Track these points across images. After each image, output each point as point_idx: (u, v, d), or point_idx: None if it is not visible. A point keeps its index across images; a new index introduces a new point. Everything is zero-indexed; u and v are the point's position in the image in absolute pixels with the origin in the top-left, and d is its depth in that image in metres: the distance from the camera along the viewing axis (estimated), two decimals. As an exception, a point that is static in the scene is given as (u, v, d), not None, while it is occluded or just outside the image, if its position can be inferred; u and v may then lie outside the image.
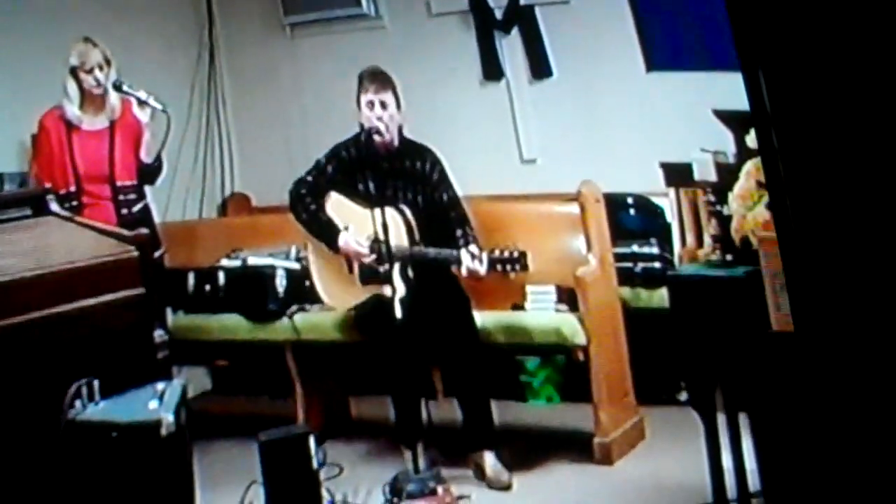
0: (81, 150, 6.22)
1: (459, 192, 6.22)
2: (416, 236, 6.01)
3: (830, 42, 2.54)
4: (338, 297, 6.26)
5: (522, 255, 5.69)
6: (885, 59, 2.49)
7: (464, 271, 5.81)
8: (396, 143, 6.18)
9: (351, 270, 6.12)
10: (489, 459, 5.87)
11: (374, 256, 5.99)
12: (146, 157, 6.32)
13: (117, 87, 6.22)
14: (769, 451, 4.58)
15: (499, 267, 5.72)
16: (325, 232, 6.15)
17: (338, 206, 6.17)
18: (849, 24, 2.52)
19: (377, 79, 6.14)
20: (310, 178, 6.22)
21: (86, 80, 6.20)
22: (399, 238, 5.92)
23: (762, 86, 2.63)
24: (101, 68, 6.20)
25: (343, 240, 6.07)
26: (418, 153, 6.22)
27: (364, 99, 6.09)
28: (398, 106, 6.15)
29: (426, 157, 6.22)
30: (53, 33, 6.55)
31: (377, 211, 5.75)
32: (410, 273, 5.95)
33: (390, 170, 6.15)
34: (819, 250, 2.62)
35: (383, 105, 6.10)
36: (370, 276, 6.05)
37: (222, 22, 8.33)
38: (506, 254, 5.71)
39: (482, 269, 5.74)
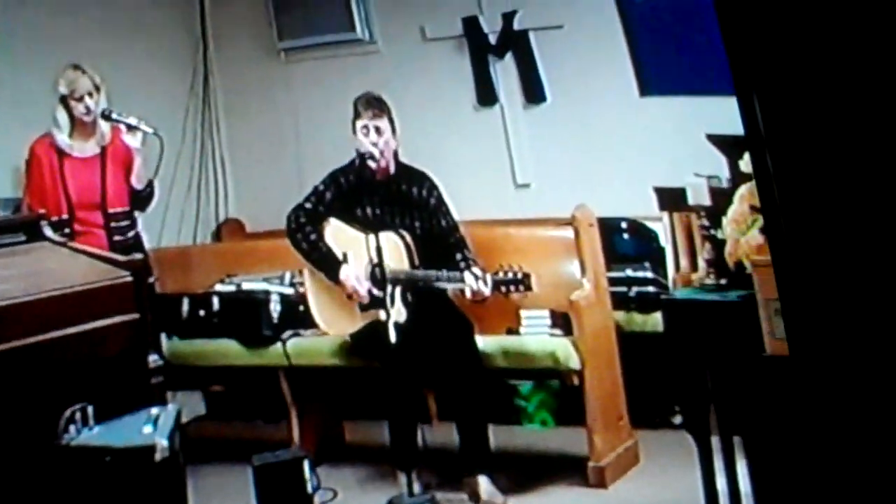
0: (73, 177, 6.20)
1: (456, 216, 6.23)
2: (416, 261, 6.02)
3: (825, 65, 2.54)
4: (335, 323, 6.24)
5: (526, 275, 5.72)
6: (879, 81, 2.50)
7: (468, 293, 5.82)
8: (392, 168, 6.19)
9: (350, 297, 6.10)
10: (484, 483, 5.83)
11: (370, 299, 5.98)
12: (137, 183, 6.31)
13: (106, 116, 6.22)
14: (763, 475, 4.57)
15: (503, 288, 5.74)
16: (326, 263, 6.13)
17: (336, 232, 6.16)
18: (844, 47, 2.52)
19: (372, 105, 6.16)
20: (308, 206, 6.20)
21: (76, 107, 6.19)
22: (400, 262, 5.94)
23: (756, 109, 2.63)
24: (90, 95, 6.19)
25: (344, 274, 6.06)
26: (415, 178, 6.24)
27: (359, 124, 6.11)
28: (393, 131, 6.16)
29: (423, 182, 6.24)
30: (46, 58, 6.53)
31: (371, 236, 5.77)
32: (410, 298, 5.95)
33: (387, 195, 6.16)
34: (814, 274, 2.62)
35: (378, 130, 6.11)
36: (369, 303, 6.03)
37: (216, 46, 8.35)
38: (510, 275, 5.74)
39: (487, 290, 5.77)
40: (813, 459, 2.81)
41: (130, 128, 6.21)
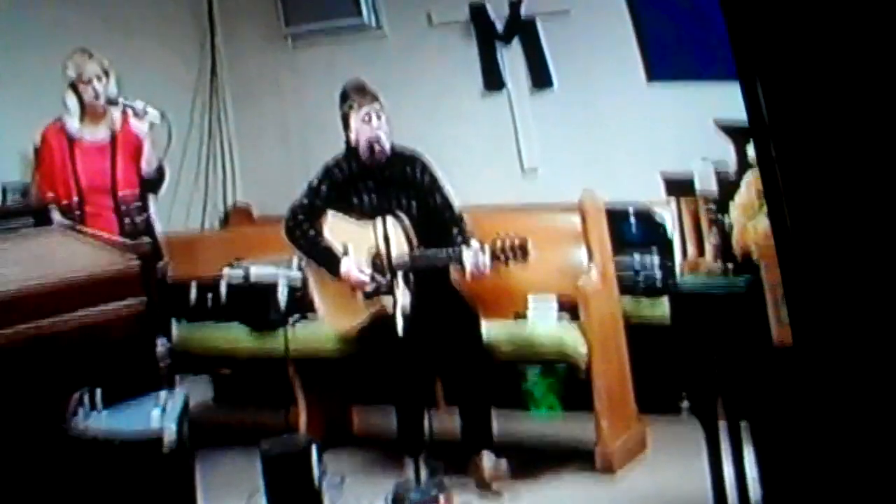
0: (83, 162, 6.22)
1: (453, 197, 6.22)
2: (415, 242, 6.01)
3: (828, 52, 2.54)
4: (339, 317, 6.24)
5: (523, 242, 5.70)
6: (883, 68, 2.50)
7: (468, 267, 5.81)
8: (388, 152, 6.18)
9: (353, 289, 6.09)
10: (487, 459, 5.87)
11: (374, 285, 5.99)
12: (147, 167, 6.31)
13: (112, 102, 6.22)
14: (770, 461, 4.58)
15: (501, 257, 5.73)
16: (326, 259, 6.13)
17: (334, 224, 6.17)
18: (847, 34, 2.52)
19: (366, 91, 6.17)
20: (305, 202, 6.21)
21: (85, 91, 6.20)
22: (399, 246, 5.92)
23: (760, 96, 2.63)
24: (98, 79, 6.20)
25: (345, 267, 6.06)
26: (408, 160, 6.23)
27: (360, 113, 6.10)
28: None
29: (415, 163, 6.23)
30: (54, 46, 6.53)
31: (378, 221, 5.75)
32: (413, 282, 5.94)
33: (382, 180, 6.15)
34: (818, 261, 2.62)
35: (378, 115, 6.11)
36: (372, 291, 6.04)
37: (223, 32, 8.35)
38: (507, 243, 5.72)
39: (486, 263, 5.75)
40: (819, 444, 2.82)
41: (136, 113, 6.20)
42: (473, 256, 5.77)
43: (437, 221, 6.12)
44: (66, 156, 6.20)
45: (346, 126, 6.19)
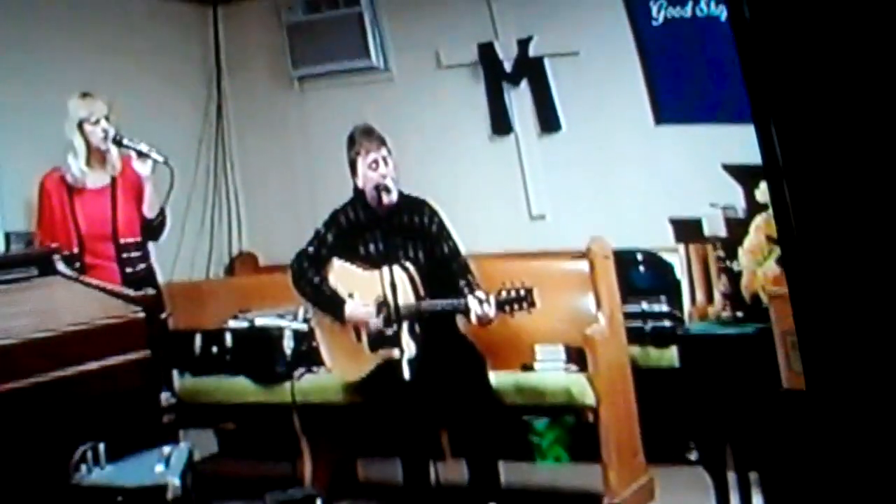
0: (83, 209, 6.17)
1: (460, 244, 6.18)
2: (422, 292, 5.97)
3: (844, 93, 2.51)
4: (346, 368, 6.19)
5: (529, 291, 5.65)
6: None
7: (473, 318, 5.77)
8: (395, 198, 6.14)
9: (359, 339, 6.07)
10: (495, 510, 5.83)
11: (381, 319, 5.95)
12: (149, 212, 6.27)
13: (117, 142, 6.18)
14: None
15: (507, 308, 5.69)
16: (331, 304, 6.10)
17: (341, 272, 6.13)
18: (863, 76, 2.49)
19: (373, 136, 6.13)
20: (311, 250, 6.18)
21: (93, 132, 6.16)
22: (405, 296, 5.86)
23: (774, 138, 2.60)
24: (107, 119, 6.17)
25: (349, 309, 6.03)
26: (416, 207, 6.19)
27: (368, 159, 6.06)
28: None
29: (423, 210, 6.19)
30: (57, 89, 6.51)
31: (385, 270, 5.71)
32: (419, 332, 5.90)
33: (390, 227, 6.11)
34: (832, 306, 2.58)
35: (385, 161, 6.08)
36: (379, 341, 5.99)
37: (230, 74, 8.37)
38: (512, 293, 5.68)
39: (491, 312, 5.71)
40: (830, 495, 2.77)
41: (141, 154, 6.17)
42: (478, 307, 5.72)
43: (443, 271, 6.07)
44: (65, 205, 6.16)
45: (354, 171, 6.16)
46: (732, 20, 2.66)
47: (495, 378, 6.01)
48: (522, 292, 5.66)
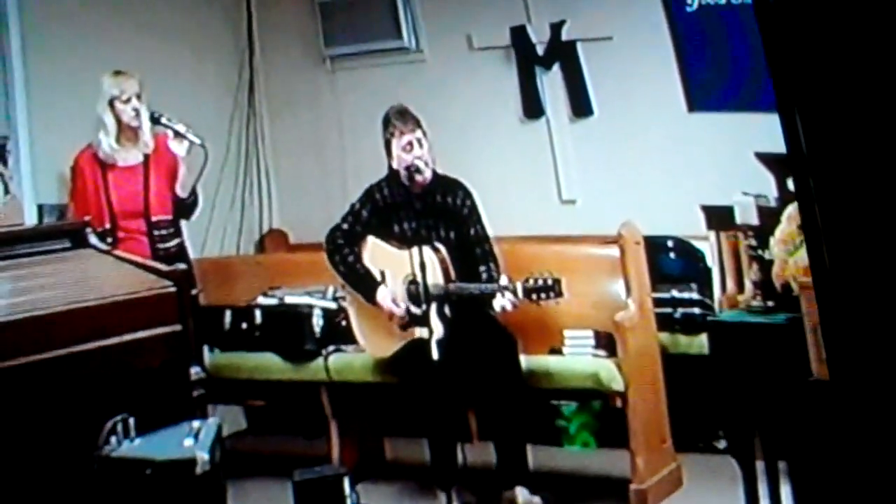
0: (116, 186, 6.20)
1: (490, 228, 6.19)
2: (452, 274, 5.97)
3: (869, 84, 2.50)
4: (376, 344, 6.23)
5: (557, 281, 5.65)
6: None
7: (496, 306, 5.77)
8: (429, 178, 6.15)
9: (391, 317, 6.08)
10: (522, 493, 5.83)
11: (407, 318, 5.98)
12: (182, 191, 6.29)
13: (156, 120, 6.19)
14: (808, 500, 4.53)
15: (533, 296, 5.68)
16: (364, 285, 6.14)
17: (374, 250, 6.16)
18: (887, 67, 2.49)
19: (408, 117, 6.13)
20: (345, 226, 6.20)
21: (124, 110, 6.17)
22: (435, 276, 5.88)
23: (799, 129, 2.60)
24: (138, 97, 6.18)
25: (381, 296, 6.05)
26: (450, 187, 6.21)
27: (402, 141, 6.07)
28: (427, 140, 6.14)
29: (458, 191, 6.20)
30: (89, 66, 6.54)
31: (415, 250, 5.71)
32: (448, 312, 5.91)
33: (424, 207, 6.13)
34: (856, 297, 2.58)
35: (419, 143, 6.08)
36: (409, 320, 6.01)
37: (262, 54, 8.34)
38: (539, 282, 5.67)
39: (509, 307, 5.73)
40: (858, 483, 2.77)
41: (177, 135, 6.19)
42: (501, 299, 5.73)
43: (467, 254, 6.08)
44: (98, 182, 6.18)
45: (389, 152, 6.16)
46: (757, 7, 2.66)
47: (525, 361, 6.01)
48: (550, 281, 5.65)
